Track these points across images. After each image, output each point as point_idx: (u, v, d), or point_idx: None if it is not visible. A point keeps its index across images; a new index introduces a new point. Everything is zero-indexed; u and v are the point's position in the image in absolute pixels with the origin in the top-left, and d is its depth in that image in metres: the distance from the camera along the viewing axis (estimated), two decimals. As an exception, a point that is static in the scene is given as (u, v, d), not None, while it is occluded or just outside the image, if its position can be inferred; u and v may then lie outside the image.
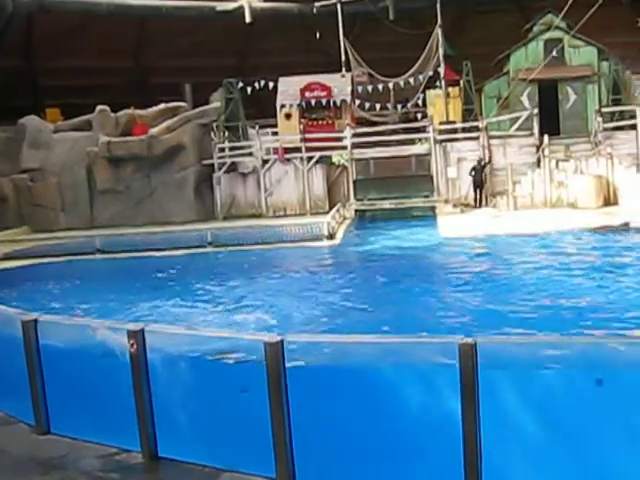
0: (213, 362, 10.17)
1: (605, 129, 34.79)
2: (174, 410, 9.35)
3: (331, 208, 32.87)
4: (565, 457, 8.18)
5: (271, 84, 38.59)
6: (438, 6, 38.40)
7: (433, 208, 33.96)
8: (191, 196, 34.88)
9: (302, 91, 37.43)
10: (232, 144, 36.21)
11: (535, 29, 38.98)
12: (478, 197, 33.50)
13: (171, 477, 9.13)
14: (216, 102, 38.82)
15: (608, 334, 14.61)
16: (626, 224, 27.51)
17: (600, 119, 34.97)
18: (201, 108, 37.71)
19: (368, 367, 9.38)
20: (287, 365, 8.57)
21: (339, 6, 40.14)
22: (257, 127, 37.23)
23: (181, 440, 9.33)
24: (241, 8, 45.87)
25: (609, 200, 32.93)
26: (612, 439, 7.82)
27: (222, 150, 35.71)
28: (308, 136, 35.35)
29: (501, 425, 8.12)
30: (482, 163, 33.59)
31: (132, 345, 9.20)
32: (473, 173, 33.44)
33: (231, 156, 35.69)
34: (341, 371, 9.58)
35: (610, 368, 8.37)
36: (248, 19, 45.49)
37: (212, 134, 36.65)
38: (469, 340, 7.93)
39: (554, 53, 36.88)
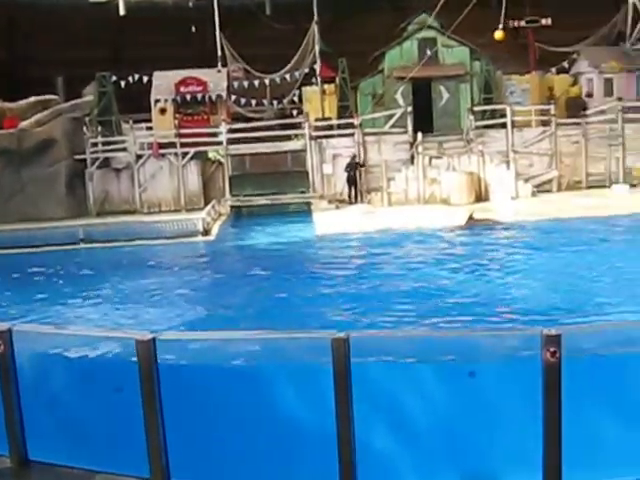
0: (84, 361, 10.18)
1: (477, 127, 35.74)
2: (44, 412, 9.24)
3: (206, 204, 32.81)
4: (441, 445, 8.55)
5: (145, 78, 38.25)
6: (314, 3, 38.75)
7: (309, 204, 34.27)
8: (63, 191, 34.24)
9: (177, 86, 37.18)
10: (105, 139, 35.77)
11: (410, 28, 39.57)
12: (353, 193, 33.98)
13: (42, 482, 9.07)
14: (89, 96, 38.22)
15: (479, 327, 15.19)
16: (471, 217, 28.45)
17: (472, 117, 35.90)
18: (73, 102, 37.08)
19: (243, 364, 9.56)
20: (161, 363, 8.67)
21: (215, 0, 40.10)
22: (131, 122, 36.83)
23: (52, 443, 9.20)
24: (115, 1, 45.37)
25: (480, 196, 33.90)
26: (484, 426, 8.25)
27: (95, 145, 35.21)
28: (183, 131, 35.19)
29: (375, 417, 8.42)
30: (356, 160, 34.09)
31: (-1, 346, 9.10)
32: (348, 169, 33.91)
33: (104, 151, 35.25)
34: (214, 368, 9.73)
35: (481, 361, 8.81)
36: (122, 11, 44.97)
37: (85, 128, 36.11)
38: (341, 335, 8.19)
39: (428, 52, 37.78)
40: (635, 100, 38.13)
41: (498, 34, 31.28)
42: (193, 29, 39.39)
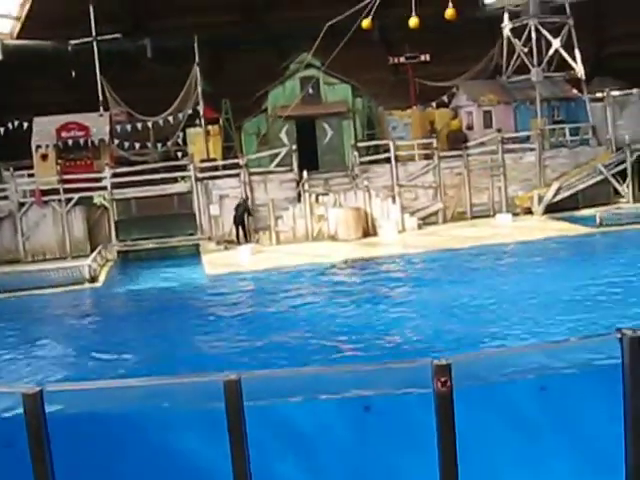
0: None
1: (361, 163, 36.20)
2: None
3: (93, 250, 32.32)
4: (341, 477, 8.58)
5: (26, 124, 37.65)
6: (196, 46, 38.83)
7: (197, 246, 34.12)
8: (-60, 241, 33.42)
9: (59, 131, 36.69)
10: (-15, 187, 35.05)
11: (292, 67, 39.98)
12: (241, 233, 33.99)
13: None
14: (-34, 143, 37.51)
15: (371, 363, 15.29)
16: (345, 261, 28.78)
17: (356, 153, 36.40)
18: (-51, 150, 36.34)
19: (135, 410, 9.43)
20: (52, 414, 8.50)
21: (95, 44, 39.82)
22: (11, 169, 36.19)
23: None
24: (-8, 44, 44.67)
25: (368, 231, 34.29)
26: (382, 458, 8.32)
27: (-26, 194, 34.51)
28: (66, 177, 34.70)
29: (272, 457, 8.41)
30: (245, 201, 34.15)
31: None
32: (236, 210, 33.94)
33: (-16, 200, 34.53)
34: (106, 416, 9.57)
35: (378, 393, 8.89)
36: (-1, 56, 44.35)
37: (-38, 177, 35.39)
38: (233, 376, 8.17)
39: (309, 90, 38.20)
40: (513, 131, 39.25)
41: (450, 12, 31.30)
42: (73, 74, 38.88)
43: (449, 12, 31.47)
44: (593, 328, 16.34)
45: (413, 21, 30.83)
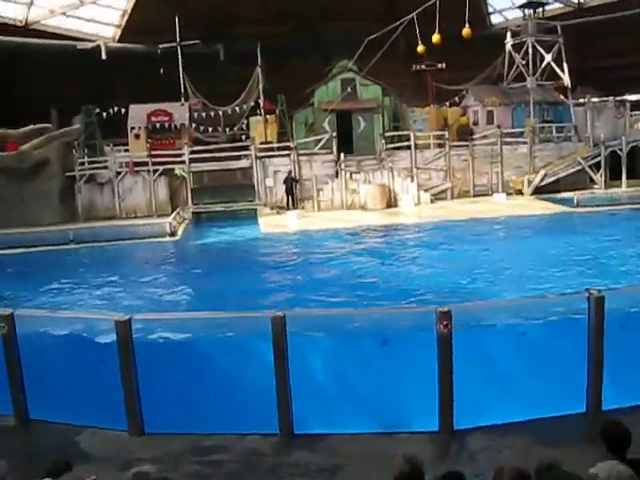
0: (74, 338, 10.11)
1: (387, 149, 36.05)
2: (43, 379, 9.16)
3: (173, 211, 32.56)
4: (363, 398, 8.67)
5: (123, 110, 37.89)
6: (258, 51, 38.77)
7: (255, 210, 34.20)
8: (56, 202, 33.60)
9: (149, 116, 36.89)
10: (90, 159, 35.30)
11: (334, 71, 39.72)
12: (290, 201, 34.05)
13: (40, 436, 8.97)
14: (77, 124, 37.70)
15: (393, 305, 15.37)
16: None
17: (383, 141, 36.23)
18: (64, 129, 36.49)
19: (203, 338, 9.59)
20: (136, 339, 8.64)
21: (179, 48, 39.91)
22: (111, 145, 36.48)
23: (49, 404, 9.15)
24: (98, 47, 44.84)
25: (391, 203, 34.21)
26: (396, 384, 8.41)
27: (82, 164, 34.68)
28: (154, 153, 34.88)
29: (307, 378, 8.52)
30: (292, 175, 34.18)
31: (3, 327, 9.00)
32: (286, 182, 34.01)
33: (90, 169, 34.72)
34: (179, 342, 9.73)
35: (394, 331, 8.97)
36: (104, 56, 44.53)
37: (74, 151, 35.61)
38: (279, 313, 8.30)
39: (348, 89, 38.02)
40: (510, 128, 38.83)
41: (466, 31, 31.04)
42: (161, 71, 38.95)
43: (465, 31, 31.09)
44: (566, 287, 16.28)
45: (436, 37, 30.50)
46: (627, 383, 8.50)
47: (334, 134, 36.05)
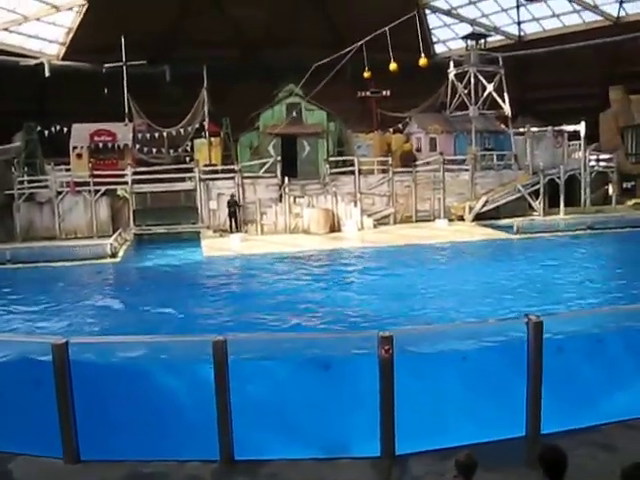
0: (7, 362, 9.81)
1: (331, 173, 36.25)
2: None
3: (114, 232, 32.11)
4: (303, 422, 8.57)
5: (65, 129, 37.35)
6: (205, 73, 38.69)
7: (198, 233, 33.95)
8: (-7, 221, 33.00)
9: (92, 135, 36.46)
10: (30, 178, 34.65)
11: (280, 95, 39.87)
12: (233, 224, 33.88)
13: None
14: (18, 142, 37.04)
15: (334, 330, 15.34)
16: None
17: (327, 166, 36.45)
18: (3, 147, 35.80)
19: (142, 362, 9.38)
20: (72, 363, 8.41)
21: (124, 68, 39.58)
22: (52, 164, 35.92)
23: None
24: (42, 64, 44.19)
25: (334, 228, 34.33)
26: (336, 408, 8.35)
27: (22, 182, 34.00)
28: (96, 173, 34.44)
29: (248, 403, 8.40)
30: (235, 198, 34.04)
31: None
32: (229, 205, 33.86)
33: (30, 188, 34.08)
34: (115, 365, 9.51)
35: (336, 356, 8.91)
36: (47, 73, 43.90)
37: (13, 169, 34.95)
38: (220, 338, 8.18)
39: (294, 114, 38.16)
40: (452, 155, 39.43)
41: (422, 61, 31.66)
42: (106, 90, 38.53)
43: (422, 61, 31.71)
44: (506, 312, 16.48)
45: (393, 66, 30.91)
46: (566, 407, 8.60)
47: (279, 158, 36.14)
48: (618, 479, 4.13)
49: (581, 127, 39.72)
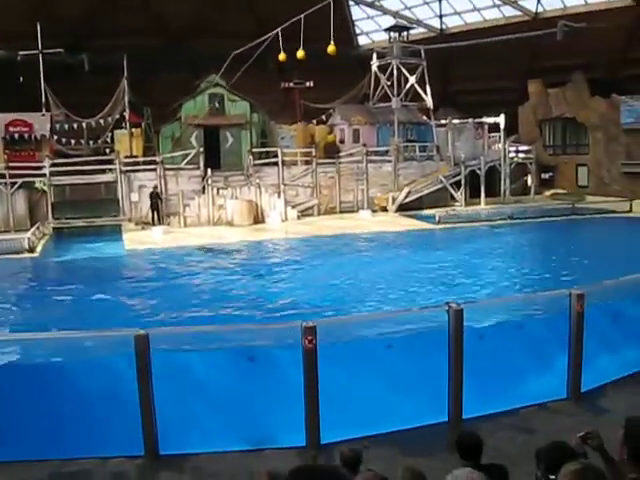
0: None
1: (255, 165, 36.11)
2: None
3: (32, 226, 31.27)
4: (229, 414, 8.56)
5: (-23, 120, 36.17)
6: (125, 62, 38.00)
7: (119, 226, 33.35)
8: None
9: (7, 126, 35.36)
10: (-59, 170, 33.48)
11: (202, 85, 39.54)
12: (155, 217, 33.43)
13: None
14: None
15: (257, 321, 15.34)
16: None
17: (251, 157, 36.27)
18: None
19: (62, 359, 9.19)
20: None
21: (40, 56, 38.50)
22: (-35, 156, 34.80)
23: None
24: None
25: (258, 219, 34.27)
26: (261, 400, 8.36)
27: None
28: (12, 164, 33.43)
29: (172, 397, 8.34)
30: (156, 190, 33.58)
31: None
32: (151, 197, 33.38)
33: (-60, 180, 32.94)
34: (37, 364, 9.29)
35: (260, 347, 8.93)
36: (-44, 62, 42.41)
37: None
38: (142, 332, 8.09)
39: (216, 104, 37.89)
40: (375, 146, 39.81)
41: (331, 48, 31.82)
42: (21, 79, 37.41)
43: (330, 48, 31.81)
44: (428, 300, 16.78)
45: (300, 53, 30.91)
46: (487, 392, 8.84)
47: (201, 149, 35.76)
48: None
49: (501, 119, 40.63)
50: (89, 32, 47.30)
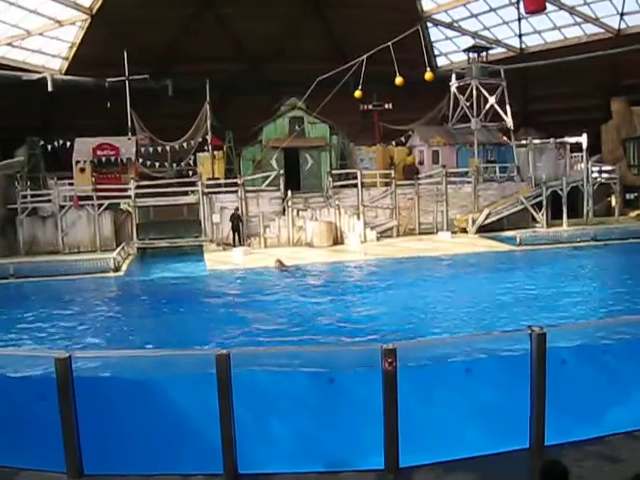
0: (10, 376, 9.79)
1: (334, 186, 36.33)
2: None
3: (117, 246, 32.17)
4: (309, 436, 8.57)
5: (68, 143, 37.49)
6: (207, 87, 38.82)
7: (201, 246, 34.03)
8: (-4, 235, 33.08)
9: (95, 150, 36.52)
10: (34, 192, 34.82)
11: (282, 109, 40.01)
12: (236, 238, 33.94)
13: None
14: (21, 156, 37.20)
15: (338, 343, 15.33)
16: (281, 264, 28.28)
17: (330, 179, 36.52)
18: (7, 161, 35.94)
19: (145, 376, 9.37)
20: (76, 377, 8.40)
21: (127, 82, 39.73)
22: (55, 178, 36.00)
23: None
24: (44, 79, 44.39)
25: (337, 240, 34.40)
26: (343, 422, 8.34)
27: (25, 197, 34.20)
28: (99, 187, 34.58)
29: (252, 417, 8.39)
30: (237, 211, 34.12)
31: None
32: (232, 219, 33.93)
33: (33, 202, 34.24)
34: (119, 379, 9.49)
35: (340, 369, 8.92)
36: (50, 88, 44.09)
37: (16, 183, 35.08)
38: (224, 351, 8.17)
39: (296, 127, 38.32)
40: (455, 167, 39.51)
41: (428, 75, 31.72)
42: (108, 105, 38.69)
43: (428, 75, 31.75)
44: (508, 323, 16.48)
45: (399, 80, 30.87)
46: (570, 418, 8.59)
47: (281, 171, 36.20)
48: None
49: (583, 139, 39.79)
50: (172, 58, 48.64)
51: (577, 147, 40.71)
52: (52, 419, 8.19)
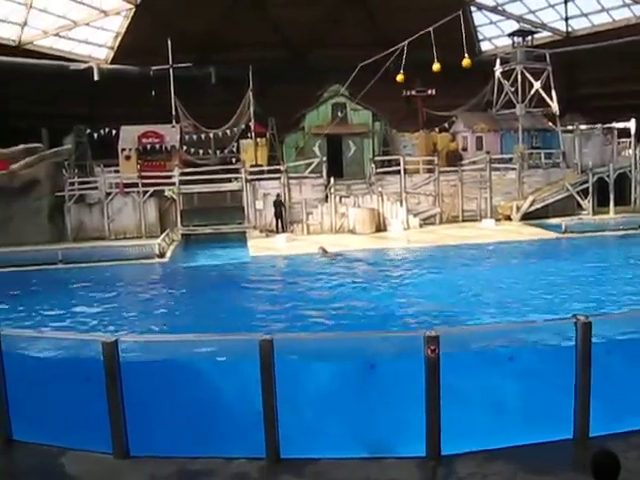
0: (59, 358, 9.98)
1: (377, 173, 36.18)
2: (27, 400, 9.00)
3: (162, 233, 32.50)
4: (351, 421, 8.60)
5: (114, 131, 37.95)
6: (250, 75, 38.90)
7: (244, 233, 34.19)
8: (45, 221, 33.47)
9: (140, 138, 36.89)
10: (81, 179, 35.33)
11: (325, 95, 39.95)
12: (279, 224, 34.06)
13: (23, 457, 8.81)
14: (68, 144, 37.75)
15: (380, 329, 15.31)
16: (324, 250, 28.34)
17: (373, 166, 36.40)
18: (55, 149, 36.46)
19: (189, 360, 9.49)
20: (122, 361, 8.54)
21: (171, 71, 40.00)
22: (102, 166, 36.52)
23: (33, 425, 8.96)
24: (91, 68, 45.00)
25: (379, 227, 34.29)
26: (383, 408, 8.35)
27: (72, 184, 34.63)
28: (144, 174, 34.92)
29: (295, 402, 8.45)
30: (280, 198, 34.21)
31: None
32: (275, 206, 34.05)
33: (80, 189, 34.68)
34: (166, 364, 9.62)
35: (381, 356, 8.92)
36: (96, 77, 44.70)
37: (64, 171, 35.61)
38: (267, 337, 8.23)
39: (339, 114, 38.24)
40: (499, 154, 39.07)
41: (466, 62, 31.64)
42: (153, 93, 39.02)
43: (465, 62, 31.45)
44: (554, 312, 16.29)
45: (436, 66, 30.66)
46: (614, 409, 8.48)
47: (324, 158, 36.16)
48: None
49: (631, 124, 39.01)
50: (214, 46, 48.88)
51: (625, 133, 39.90)
52: (99, 401, 8.34)
